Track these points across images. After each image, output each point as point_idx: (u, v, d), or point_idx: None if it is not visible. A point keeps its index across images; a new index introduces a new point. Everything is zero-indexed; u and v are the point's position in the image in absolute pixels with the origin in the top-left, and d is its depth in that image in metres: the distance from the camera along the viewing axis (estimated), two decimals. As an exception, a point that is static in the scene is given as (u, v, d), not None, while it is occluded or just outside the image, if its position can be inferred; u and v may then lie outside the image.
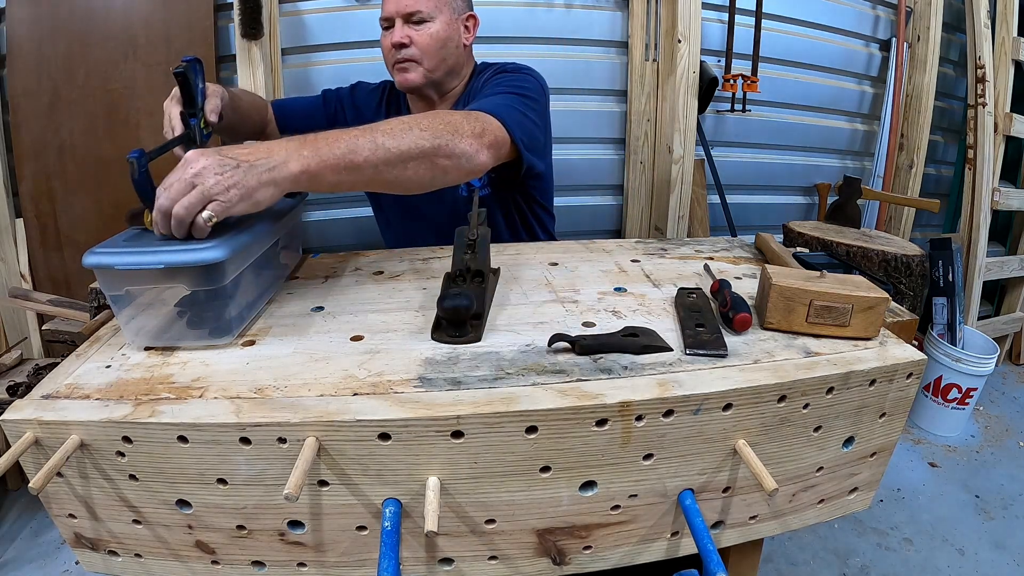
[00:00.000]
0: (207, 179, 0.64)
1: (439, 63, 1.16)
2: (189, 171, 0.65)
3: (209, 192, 0.64)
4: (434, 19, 1.13)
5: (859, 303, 0.67)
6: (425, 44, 1.13)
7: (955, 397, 2.04)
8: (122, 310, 0.67)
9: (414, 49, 1.13)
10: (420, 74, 1.15)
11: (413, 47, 1.13)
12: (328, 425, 0.54)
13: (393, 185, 0.78)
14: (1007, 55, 2.25)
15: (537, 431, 0.56)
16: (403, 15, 1.12)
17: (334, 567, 0.63)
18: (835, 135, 2.41)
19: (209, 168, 0.65)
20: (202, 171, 0.65)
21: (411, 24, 1.13)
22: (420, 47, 1.13)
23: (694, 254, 0.99)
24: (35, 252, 1.79)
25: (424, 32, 1.13)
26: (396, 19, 1.12)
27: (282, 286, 0.87)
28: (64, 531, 0.64)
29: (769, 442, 0.63)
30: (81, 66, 1.71)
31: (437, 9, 1.14)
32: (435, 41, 1.14)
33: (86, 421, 0.55)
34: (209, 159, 0.66)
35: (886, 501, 1.77)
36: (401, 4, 1.11)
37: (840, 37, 2.29)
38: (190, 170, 0.65)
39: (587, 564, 0.66)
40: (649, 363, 0.64)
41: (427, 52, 1.14)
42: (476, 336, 0.69)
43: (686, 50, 1.90)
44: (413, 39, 1.12)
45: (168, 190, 0.65)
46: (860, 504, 0.76)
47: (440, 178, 0.81)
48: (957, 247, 2.09)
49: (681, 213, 2.05)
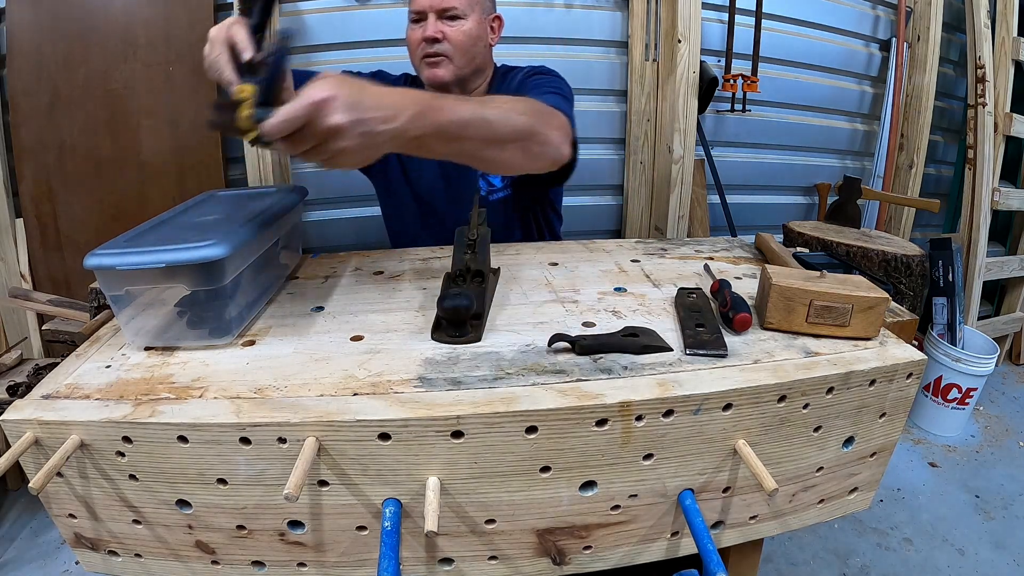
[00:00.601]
0: (339, 142, 0.60)
1: (468, 61, 1.16)
2: (324, 122, 0.58)
3: (334, 158, 0.61)
4: (467, 16, 1.13)
5: (859, 303, 0.67)
6: (458, 40, 1.12)
7: (955, 397, 2.04)
8: (122, 310, 0.67)
9: (447, 44, 1.12)
10: (450, 70, 1.14)
11: (446, 42, 1.12)
12: (328, 425, 0.54)
13: (486, 163, 0.78)
14: (1007, 55, 2.25)
15: (537, 431, 0.56)
16: (437, 9, 1.11)
17: (334, 567, 0.63)
18: (835, 135, 2.41)
19: (346, 130, 0.59)
20: (338, 130, 0.59)
21: (444, 19, 1.12)
22: (453, 43, 1.12)
23: (694, 254, 0.99)
24: (35, 252, 1.79)
25: (457, 28, 1.12)
26: (429, 13, 1.11)
27: (282, 286, 0.87)
28: (64, 531, 0.64)
29: (769, 442, 0.63)
30: (81, 66, 1.71)
31: (470, 7, 1.14)
32: (468, 38, 1.14)
33: (86, 421, 0.55)
34: (348, 117, 0.59)
35: (886, 501, 1.77)
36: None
37: (840, 37, 2.29)
38: (326, 121, 0.58)
39: (587, 564, 0.66)
40: (649, 363, 0.64)
41: (459, 49, 1.13)
42: (476, 336, 0.69)
43: (686, 50, 1.90)
44: (446, 34, 1.11)
45: (295, 136, 0.59)
46: (860, 504, 0.76)
47: (528, 164, 0.81)
48: (957, 247, 2.09)
49: (681, 213, 2.05)
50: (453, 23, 1.12)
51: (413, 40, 1.15)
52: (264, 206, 0.80)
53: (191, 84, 1.78)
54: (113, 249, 0.64)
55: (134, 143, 1.78)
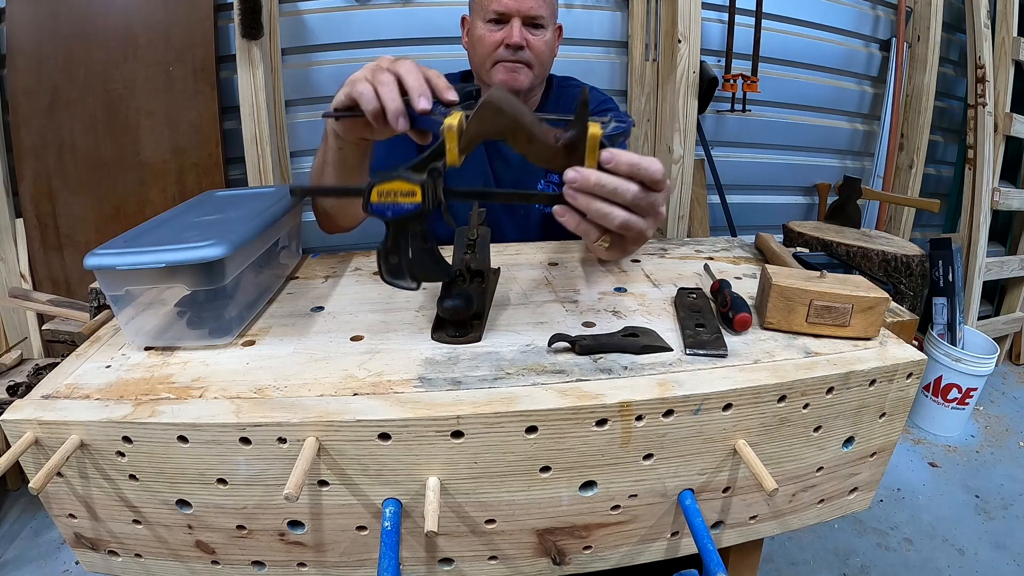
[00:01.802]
0: (661, 209, 0.62)
1: (543, 71, 1.15)
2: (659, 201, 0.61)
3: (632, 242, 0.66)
4: (547, 27, 1.12)
5: (859, 303, 0.67)
6: (540, 50, 1.11)
7: (955, 397, 2.04)
8: (122, 310, 0.67)
9: (528, 53, 1.10)
10: (529, 79, 1.12)
11: (528, 51, 1.10)
12: (328, 425, 0.54)
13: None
14: (1007, 55, 2.25)
15: (537, 431, 0.56)
16: (525, 16, 1.08)
17: (334, 567, 0.63)
18: (835, 135, 2.41)
19: (662, 216, 0.63)
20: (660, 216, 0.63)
21: (529, 27, 1.10)
22: (536, 52, 1.10)
23: (694, 254, 0.99)
24: (35, 252, 1.79)
25: (540, 38, 1.11)
26: (515, 18, 1.08)
27: (282, 286, 0.87)
28: (64, 531, 0.64)
29: (769, 442, 0.63)
30: (81, 66, 1.72)
31: (551, 17, 1.13)
32: (548, 49, 1.13)
33: (86, 421, 0.55)
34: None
35: (886, 501, 1.77)
36: (524, 4, 1.07)
37: (840, 37, 2.29)
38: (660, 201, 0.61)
39: (587, 564, 0.66)
40: (649, 363, 0.64)
41: (540, 58, 1.12)
42: (476, 336, 0.69)
43: (686, 50, 1.91)
44: (530, 43, 1.10)
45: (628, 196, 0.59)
46: (860, 504, 0.76)
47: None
48: (957, 247, 2.09)
49: (681, 213, 2.05)
50: (536, 32, 1.10)
51: (490, 42, 1.10)
52: (264, 206, 0.80)
53: (191, 84, 1.78)
54: (113, 249, 0.64)
55: (134, 143, 1.78)
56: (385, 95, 0.65)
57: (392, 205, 0.58)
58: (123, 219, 1.79)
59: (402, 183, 0.57)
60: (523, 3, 1.07)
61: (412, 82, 0.64)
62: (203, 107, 1.79)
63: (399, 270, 0.62)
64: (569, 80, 1.30)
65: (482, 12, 1.11)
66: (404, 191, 0.57)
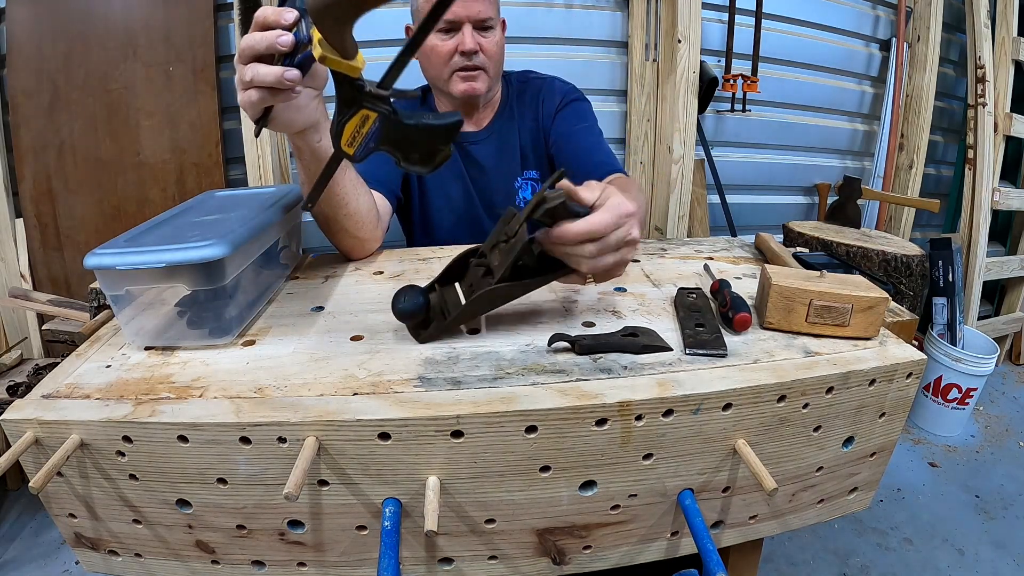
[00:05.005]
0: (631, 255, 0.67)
1: (498, 71, 1.13)
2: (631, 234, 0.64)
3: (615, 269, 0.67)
4: (495, 26, 1.09)
5: (859, 303, 0.67)
6: (493, 52, 1.09)
7: (955, 397, 2.04)
8: (122, 310, 0.67)
9: (483, 57, 1.07)
10: (486, 83, 1.10)
11: (482, 55, 1.07)
12: (328, 425, 0.54)
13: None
14: (1007, 55, 2.25)
15: (537, 431, 0.56)
16: (474, 20, 1.05)
17: (334, 567, 0.63)
18: (835, 135, 2.41)
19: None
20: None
21: (479, 31, 1.07)
22: (489, 55, 1.08)
23: (694, 254, 0.99)
24: (35, 252, 1.79)
25: (491, 40, 1.08)
26: (465, 24, 1.05)
27: (282, 286, 0.87)
28: (64, 531, 0.64)
29: (769, 442, 0.63)
30: (81, 66, 1.72)
31: (497, 15, 1.10)
32: (499, 49, 1.10)
33: (86, 421, 0.55)
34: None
35: (886, 501, 1.77)
36: (473, 9, 1.04)
37: (840, 37, 2.29)
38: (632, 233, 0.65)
39: (587, 564, 0.66)
40: (649, 363, 0.64)
41: (493, 60, 1.09)
42: (430, 335, 0.68)
43: (686, 50, 1.91)
44: (483, 47, 1.07)
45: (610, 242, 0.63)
46: (860, 504, 0.76)
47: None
48: (957, 247, 2.09)
49: (681, 213, 2.05)
50: (487, 34, 1.07)
51: (444, 52, 1.07)
52: (264, 206, 0.80)
53: (191, 84, 1.78)
54: (113, 249, 0.64)
55: (134, 143, 1.78)
56: (259, 77, 0.60)
57: (363, 144, 0.59)
58: (123, 219, 1.79)
59: (357, 117, 0.58)
60: (471, 8, 1.04)
61: (259, 44, 0.60)
62: (203, 107, 1.79)
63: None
64: (529, 73, 1.26)
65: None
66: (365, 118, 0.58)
